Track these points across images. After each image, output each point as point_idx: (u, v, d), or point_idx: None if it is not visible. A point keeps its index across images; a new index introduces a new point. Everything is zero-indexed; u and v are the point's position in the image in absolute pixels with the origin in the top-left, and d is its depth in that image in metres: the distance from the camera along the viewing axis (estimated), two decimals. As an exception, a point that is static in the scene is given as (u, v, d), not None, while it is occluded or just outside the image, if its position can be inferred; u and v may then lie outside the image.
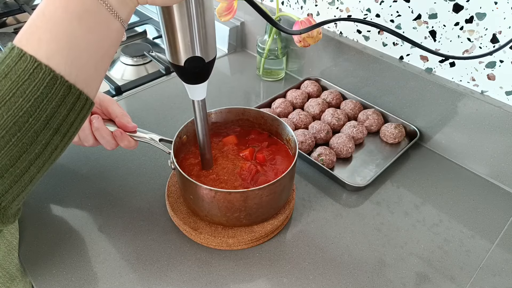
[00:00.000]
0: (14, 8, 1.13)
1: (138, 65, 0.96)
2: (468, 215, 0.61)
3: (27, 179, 0.31)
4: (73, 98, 0.30)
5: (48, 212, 0.59)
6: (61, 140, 0.32)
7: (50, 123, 0.30)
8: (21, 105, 0.28)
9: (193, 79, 0.42)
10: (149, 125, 0.76)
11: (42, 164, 0.32)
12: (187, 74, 0.41)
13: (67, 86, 0.30)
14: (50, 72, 0.28)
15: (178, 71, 0.41)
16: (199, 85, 0.43)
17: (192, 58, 0.39)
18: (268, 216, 0.55)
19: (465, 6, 0.60)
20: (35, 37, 0.29)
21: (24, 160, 0.30)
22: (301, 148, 0.68)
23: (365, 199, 0.63)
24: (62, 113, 0.30)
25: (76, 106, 0.31)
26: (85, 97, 0.31)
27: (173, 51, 0.39)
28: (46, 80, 0.28)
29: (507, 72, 0.60)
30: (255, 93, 0.88)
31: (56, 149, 0.32)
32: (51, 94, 0.29)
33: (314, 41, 0.74)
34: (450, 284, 0.51)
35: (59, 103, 0.30)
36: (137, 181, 0.65)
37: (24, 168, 0.30)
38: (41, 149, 0.31)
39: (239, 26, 0.98)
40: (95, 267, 0.52)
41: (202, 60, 0.40)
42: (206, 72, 0.42)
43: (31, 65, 0.28)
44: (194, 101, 0.46)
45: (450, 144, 0.70)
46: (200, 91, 0.44)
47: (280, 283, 0.51)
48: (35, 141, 0.30)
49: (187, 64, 0.39)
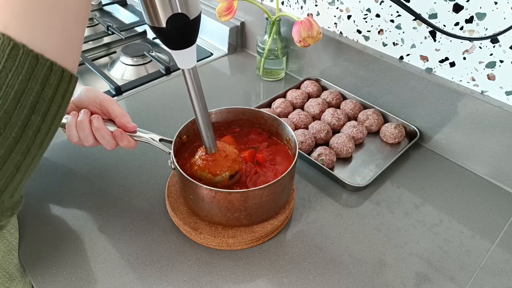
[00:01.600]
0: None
1: (138, 65, 0.96)
2: (468, 215, 0.61)
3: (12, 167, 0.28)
4: (44, 70, 0.27)
5: (48, 212, 0.59)
6: (42, 121, 0.28)
7: (22, 101, 0.26)
8: None
9: (179, 43, 0.38)
10: (149, 125, 0.76)
11: (27, 149, 0.28)
12: (171, 36, 0.37)
13: (32, 55, 0.26)
14: (9, 41, 0.25)
15: (160, 35, 0.37)
16: (186, 49, 0.39)
17: (174, 16, 0.35)
18: (268, 216, 0.55)
19: (465, 6, 0.60)
20: None
21: (2, 146, 0.27)
22: (301, 148, 0.68)
23: (365, 199, 0.63)
24: (34, 89, 0.27)
25: (51, 79, 0.28)
26: (60, 68, 0.28)
27: (151, 11, 0.35)
28: (6, 51, 0.25)
29: (507, 72, 0.60)
30: (255, 93, 0.88)
31: (40, 131, 0.29)
32: (15, 67, 0.25)
33: (314, 41, 0.74)
34: (450, 284, 0.51)
35: (28, 76, 0.26)
36: (137, 181, 0.65)
37: (4, 155, 0.27)
38: (19, 132, 0.27)
39: (239, 26, 0.98)
40: (95, 267, 0.52)
41: (186, 18, 0.35)
42: (192, 33, 0.38)
43: None
44: (185, 70, 0.41)
45: (450, 144, 0.70)
46: (189, 56, 0.40)
47: (280, 283, 0.51)
48: (8, 123, 0.26)
49: (169, 25, 0.35)
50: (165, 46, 0.39)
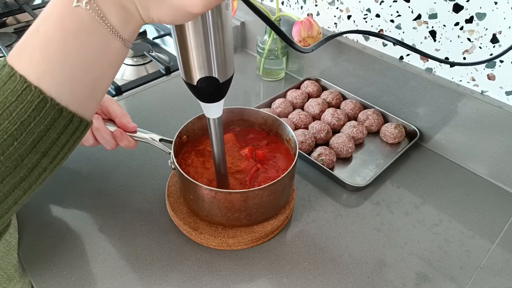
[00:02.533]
0: (14, 8, 1.13)
1: (138, 65, 0.96)
2: (468, 215, 0.61)
3: (11, 201, 0.30)
4: (65, 121, 0.29)
5: (48, 212, 0.59)
6: (50, 162, 0.30)
7: (38, 146, 0.28)
8: (6, 128, 0.26)
9: (208, 98, 0.40)
10: (149, 125, 0.76)
11: (29, 187, 0.30)
12: (201, 93, 0.39)
13: (58, 109, 0.28)
14: (39, 94, 0.27)
15: (191, 89, 0.38)
16: (214, 103, 0.40)
17: (206, 78, 0.36)
18: (268, 216, 0.55)
19: (465, 6, 0.60)
20: (27, 55, 0.27)
21: (8, 183, 0.28)
22: (301, 148, 0.68)
23: (365, 199, 0.63)
24: (51, 137, 0.29)
25: (68, 129, 0.29)
26: (79, 119, 0.30)
27: (186, 68, 0.36)
28: (35, 102, 0.27)
29: (507, 72, 0.60)
30: (255, 93, 0.87)
31: (45, 171, 0.31)
32: (39, 117, 0.27)
33: (314, 41, 0.74)
34: (450, 284, 0.51)
35: (48, 126, 0.28)
36: (137, 181, 0.65)
37: (8, 191, 0.29)
38: (27, 173, 0.29)
39: (239, 26, 0.98)
40: (95, 267, 0.52)
41: (216, 81, 0.36)
42: (221, 92, 0.39)
43: (20, 86, 0.26)
44: (210, 119, 0.43)
45: (450, 144, 0.70)
46: (216, 109, 0.42)
47: (280, 283, 0.51)
48: (19, 164, 0.28)
49: (200, 84, 0.36)
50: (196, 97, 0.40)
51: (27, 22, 1.16)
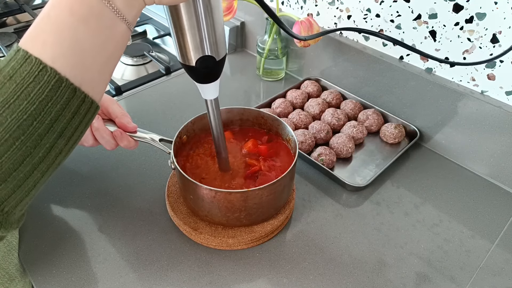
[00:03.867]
0: (14, 8, 1.13)
1: (138, 65, 0.96)
2: (468, 215, 0.61)
3: (31, 183, 0.31)
4: (78, 101, 0.30)
5: (48, 212, 0.59)
6: (65, 144, 0.31)
7: (55, 126, 0.29)
8: (25, 108, 0.28)
9: (205, 79, 0.42)
10: (149, 125, 0.76)
11: (46, 169, 0.31)
12: (199, 73, 0.41)
13: (72, 89, 0.29)
14: (55, 74, 0.28)
15: (189, 71, 0.41)
16: (211, 84, 0.43)
17: (203, 58, 0.38)
18: (268, 216, 0.55)
19: (465, 6, 0.60)
20: (40, 40, 0.28)
21: (28, 164, 0.29)
22: (301, 148, 0.68)
23: (365, 199, 0.63)
24: (66, 117, 0.30)
25: (81, 109, 0.31)
26: (90, 100, 0.31)
27: (183, 51, 0.38)
28: (51, 82, 0.28)
29: (507, 72, 0.60)
30: (255, 93, 0.88)
31: (61, 153, 0.32)
32: (56, 97, 0.29)
33: (314, 41, 0.74)
34: (450, 284, 0.51)
35: (64, 106, 0.29)
36: (137, 181, 0.65)
37: (28, 172, 0.30)
38: (45, 153, 0.30)
39: (239, 26, 0.98)
40: (95, 267, 0.52)
41: (213, 59, 0.39)
42: (218, 71, 0.42)
43: (36, 67, 0.28)
44: (207, 100, 0.45)
45: (450, 144, 0.70)
46: (213, 90, 0.44)
47: (280, 283, 0.51)
48: (39, 144, 0.29)
49: (198, 64, 0.39)
50: (193, 79, 0.43)
51: (27, 22, 1.16)
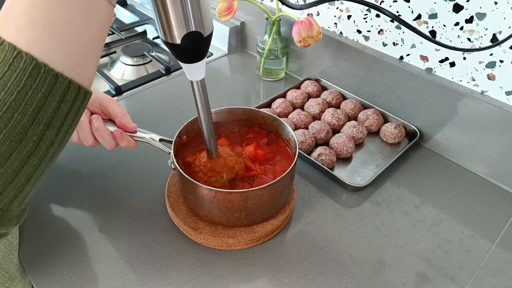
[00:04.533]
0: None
1: (138, 65, 0.96)
2: (468, 215, 0.61)
3: (23, 178, 0.29)
4: (62, 88, 0.28)
5: (48, 212, 0.59)
6: (56, 135, 0.29)
7: (39, 117, 0.27)
8: (3, 100, 0.26)
9: (191, 58, 0.39)
10: (149, 125, 0.76)
11: (39, 162, 0.29)
12: (184, 52, 0.38)
13: (53, 75, 0.27)
14: (31, 60, 0.26)
15: (174, 50, 0.38)
16: (197, 63, 0.40)
17: (189, 34, 0.35)
18: (268, 216, 0.55)
19: (465, 6, 0.60)
20: (13, 23, 0.26)
21: (16, 159, 0.27)
22: (301, 148, 0.68)
23: (365, 199, 0.63)
24: (51, 106, 0.28)
25: (67, 96, 0.28)
26: (77, 86, 0.29)
27: (166, 28, 0.35)
28: (28, 69, 0.26)
29: (507, 72, 0.60)
30: (255, 93, 0.88)
31: (52, 145, 0.30)
32: (35, 85, 0.26)
33: (314, 41, 0.74)
34: (450, 284, 0.51)
35: (46, 94, 0.27)
36: (137, 181, 0.65)
37: (17, 167, 0.28)
38: (33, 146, 0.28)
39: (239, 26, 0.98)
40: (95, 267, 0.52)
41: (200, 35, 0.36)
42: (204, 49, 0.39)
43: (10, 54, 0.26)
44: (193, 82, 0.42)
45: (450, 144, 0.70)
46: (199, 70, 0.41)
47: (280, 283, 0.51)
48: (24, 138, 0.27)
49: (184, 42, 0.36)
50: (177, 59, 0.40)
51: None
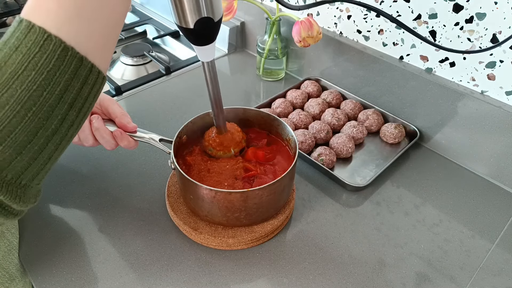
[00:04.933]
0: (14, 8, 1.13)
1: (138, 65, 0.96)
2: (468, 215, 0.61)
3: (46, 156, 0.31)
4: (86, 71, 0.30)
5: (48, 212, 0.59)
6: (76, 116, 0.31)
7: (65, 96, 0.29)
8: (34, 79, 0.28)
9: (203, 40, 0.43)
10: (149, 125, 0.76)
11: (60, 141, 0.32)
12: (197, 36, 0.42)
13: (78, 58, 0.29)
14: (60, 43, 0.28)
15: (187, 34, 0.41)
16: (208, 46, 0.43)
17: (201, 20, 0.39)
18: (268, 216, 0.55)
19: (465, 6, 0.60)
20: (43, 8, 0.28)
21: (42, 136, 0.30)
22: (301, 148, 0.68)
23: (365, 199, 0.63)
24: (75, 87, 0.30)
25: (89, 79, 0.31)
26: (97, 70, 0.31)
27: (180, 14, 0.39)
28: (57, 51, 0.28)
29: (507, 72, 0.60)
30: (255, 93, 0.88)
31: (73, 125, 0.32)
32: (63, 66, 0.29)
33: (314, 41, 0.74)
34: (450, 284, 0.51)
35: (72, 75, 0.29)
36: (137, 181, 0.65)
37: (42, 144, 0.30)
38: (58, 125, 0.30)
39: (239, 26, 0.98)
40: (95, 267, 0.52)
41: (211, 20, 0.40)
42: (215, 32, 0.43)
43: (41, 36, 0.28)
44: (204, 63, 0.46)
45: (450, 144, 0.70)
46: (209, 52, 0.45)
47: (280, 283, 0.51)
48: (51, 116, 0.29)
49: (197, 26, 0.39)
50: (190, 42, 0.43)
51: (27, 22, 1.16)
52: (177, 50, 1.06)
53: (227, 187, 0.54)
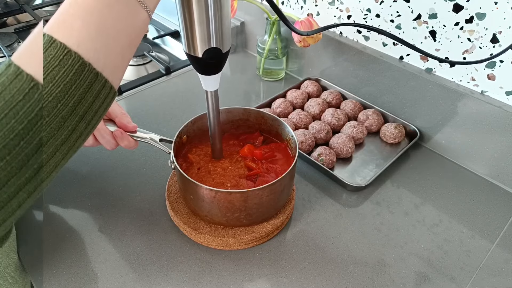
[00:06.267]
0: (15, 8, 1.13)
1: (138, 65, 0.96)
2: (468, 215, 0.61)
3: (52, 164, 0.32)
4: (99, 86, 0.31)
5: (48, 212, 0.59)
6: (85, 128, 0.33)
7: (77, 109, 0.31)
8: (50, 90, 0.29)
9: (209, 70, 0.44)
10: (149, 125, 0.76)
11: (67, 151, 0.32)
12: (204, 65, 0.42)
13: (94, 73, 0.31)
14: (79, 59, 0.29)
15: (194, 62, 0.42)
16: (214, 76, 0.44)
17: (210, 50, 0.40)
18: (268, 216, 0.55)
19: (465, 6, 0.60)
20: (67, 24, 0.30)
21: (51, 145, 0.30)
22: (301, 148, 0.68)
23: (365, 199, 0.63)
24: (88, 100, 0.31)
25: (101, 94, 0.32)
26: (110, 85, 0.33)
27: (190, 42, 0.40)
28: (75, 66, 0.29)
29: (507, 72, 0.60)
30: (255, 93, 0.88)
31: (80, 137, 0.33)
32: (79, 80, 0.30)
33: (314, 41, 0.74)
34: (450, 284, 0.51)
35: (86, 90, 0.31)
36: (137, 181, 0.65)
37: (51, 153, 0.31)
38: (67, 135, 0.31)
39: (239, 26, 0.98)
40: (95, 267, 0.52)
41: (219, 51, 0.41)
42: (222, 63, 0.44)
43: (61, 51, 0.29)
44: (208, 92, 0.47)
45: (450, 144, 0.70)
46: (214, 81, 0.46)
47: (280, 283, 0.51)
48: (62, 126, 0.30)
49: (205, 55, 0.40)
50: (196, 70, 0.44)
51: (27, 22, 1.16)
52: (177, 50, 1.06)
53: (231, 187, 0.54)
